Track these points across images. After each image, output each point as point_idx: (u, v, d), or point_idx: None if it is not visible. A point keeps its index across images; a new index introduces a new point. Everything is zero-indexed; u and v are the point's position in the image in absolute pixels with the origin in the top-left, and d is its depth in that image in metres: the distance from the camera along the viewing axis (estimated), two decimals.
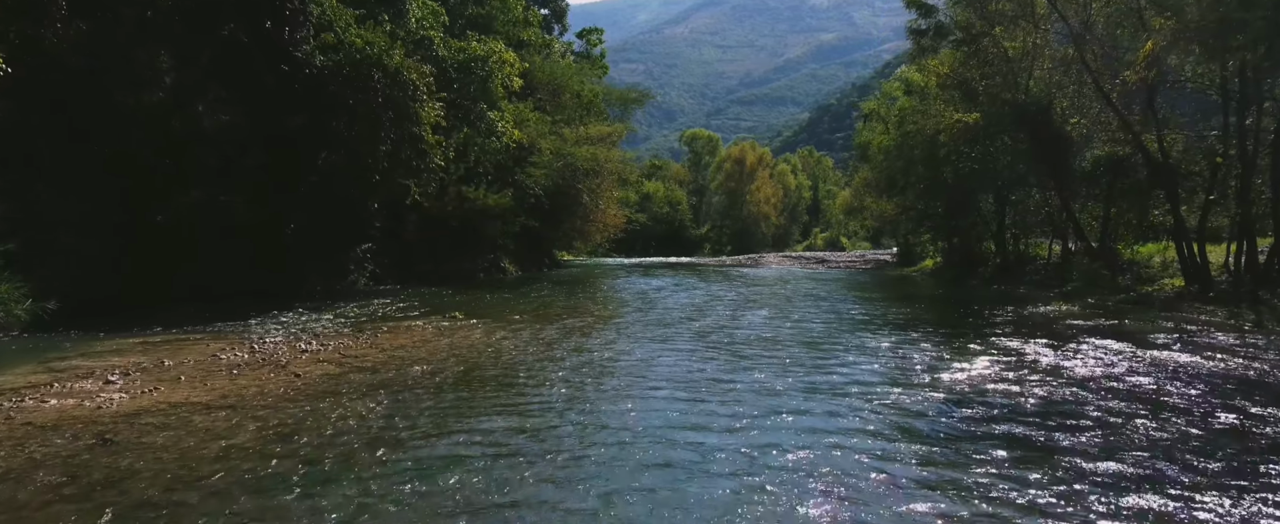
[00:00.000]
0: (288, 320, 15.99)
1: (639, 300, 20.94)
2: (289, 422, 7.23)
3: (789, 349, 11.79)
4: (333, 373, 9.78)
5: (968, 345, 12.29)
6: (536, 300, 21.24)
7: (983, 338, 13.17)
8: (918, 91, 33.68)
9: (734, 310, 17.84)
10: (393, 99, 20.31)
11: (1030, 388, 8.89)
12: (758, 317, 16.61)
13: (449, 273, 30.91)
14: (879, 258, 56.96)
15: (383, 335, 13.40)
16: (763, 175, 79.94)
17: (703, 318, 16.35)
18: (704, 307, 18.82)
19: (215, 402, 8.08)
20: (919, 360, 10.82)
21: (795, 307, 19.21)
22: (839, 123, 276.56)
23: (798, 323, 15.48)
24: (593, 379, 9.24)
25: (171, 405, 7.84)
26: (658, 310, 17.90)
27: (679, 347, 12.03)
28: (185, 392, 8.54)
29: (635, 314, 17.20)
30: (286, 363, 10.44)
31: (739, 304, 19.43)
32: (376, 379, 9.40)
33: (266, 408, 7.81)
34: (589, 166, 36.45)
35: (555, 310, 18.26)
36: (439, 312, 17.88)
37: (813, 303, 20.43)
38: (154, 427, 6.99)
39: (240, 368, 10.03)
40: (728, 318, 16.21)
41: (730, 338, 13.04)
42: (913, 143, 31.26)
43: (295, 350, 11.59)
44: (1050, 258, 29.04)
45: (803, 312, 17.87)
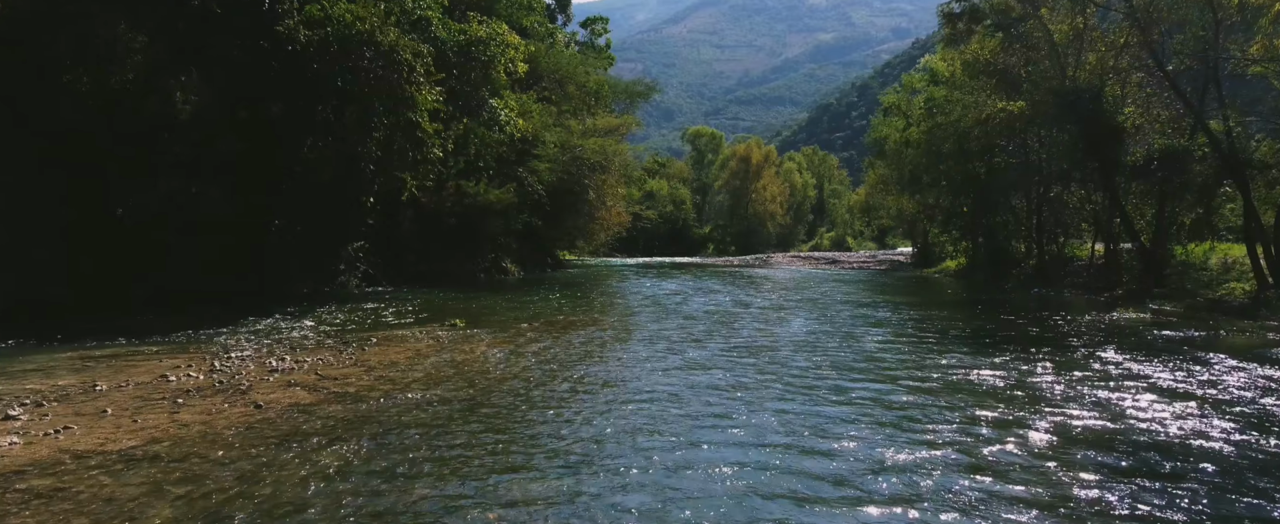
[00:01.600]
0: (264, 328, 13.94)
1: (656, 307, 18.92)
2: (230, 486, 5.21)
3: (856, 378, 9.78)
4: (304, 402, 7.75)
5: (1064, 366, 10.30)
6: (544, 306, 19.22)
7: (1073, 355, 11.18)
8: (945, 81, 31.69)
9: (766, 322, 15.83)
10: (386, 81, 18.26)
11: (1176, 422, 6.91)
12: (797, 329, 14.60)
13: (447, 274, 28.86)
14: (892, 258, 55.00)
15: (371, 349, 11.37)
16: (768, 174, 77.84)
17: (734, 330, 14.34)
18: (731, 316, 16.80)
19: (139, 449, 6.05)
20: (1022, 390, 8.82)
21: (832, 316, 17.22)
22: (838, 122, 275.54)
23: (847, 338, 13.47)
24: (633, 425, 7.19)
25: (76, 457, 5.81)
26: (680, 320, 15.87)
27: (722, 372, 10.00)
28: (104, 433, 6.51)
29: (656, 325, 15.17)
30: (249, 387, 8.40)
31: (769, 313, 17.41)
32: (358, 412, 7.38)
33: (205, 460, 5.79)
34: (597, 161, 34.36)
35: (566, 318, 16.24)
36: (436, 318, 15.86)
37: (850, 311, 18.43)
38: (28, 498, 4.96)
39: (189, 395, 7.99)
40: (763, 331, 14.18)
41: (776, 359, 11.01)
42: (941, 136, 29.28)
43: (263, 369, 9.55)
44: (1092, 259, 27.07)
45: (844, 322, 15.87)
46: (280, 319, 15.53)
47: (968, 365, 10.19)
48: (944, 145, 29.19)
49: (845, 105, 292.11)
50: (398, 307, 18.57)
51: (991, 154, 27.26)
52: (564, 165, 32.29)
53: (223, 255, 20.49)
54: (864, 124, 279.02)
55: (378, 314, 16.73)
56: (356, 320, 15.58)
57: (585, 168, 34.12)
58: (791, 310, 17.65)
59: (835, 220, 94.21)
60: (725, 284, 27.73)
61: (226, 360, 10.23)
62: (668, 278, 31.89)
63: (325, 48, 17.66)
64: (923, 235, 43.96)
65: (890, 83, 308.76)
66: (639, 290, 24.75)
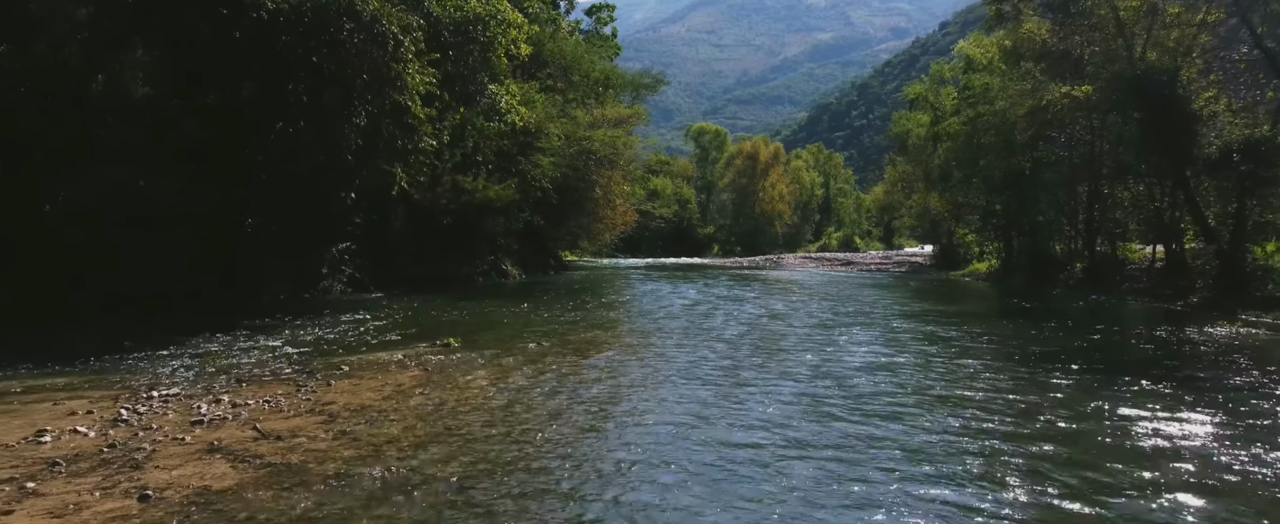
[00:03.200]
0: (216, 349, 11.41)
1: (683, 319, 16.40)
2: None
3: (987, 440, 7.27)
4: (218, 487, 5.22)
5: (1208, 403, 7.80)
6: (553, 317, 16.69)
7: (1206, 386, 8.68)
8: (984, 68, 29.18)
9: (819, 344, 13.30)
10: (368, 57, 15.73)
11: None
12: (860, 356, 12.09)
13: (442, 277, 26.32)
14: (908, 259, 52.48)
15: (339, 384, 8.83)
16: (776, 172, 75.19)
17: (788, 357, 11.83)
18: (773, 336, 14.28)
19: None
20: (1191, 442, 6.31)
21: (891, 335, 14.72)
22: (838, 122, 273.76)
23: (927, 369, 10.98)
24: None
25: None
26: (716, 343, 13.33)
27: (809, 427, 7.47)
28: None
29: (691, 349, 12.63)
30: (149, 455, 5.88)
31: (816, 332, 14.87)
32: (298, 506, 4.86)
33: None
34: (605, 154, 31.76)
35: (580, 336, 13.71)
36: (427, 334, 13.33)
37: (907, 326, 15.93)
38: None
39: (54, 472, 5.47)
40: (826, 359, 11.65)
41: (868, 408, 8.49)
42: (983, 127, 26.76)
43: (185, 419, 7.03)
44: (1153, 261, 24.59)
45: (908, 343, 13.38)
46: (241, 335, 12.99)
47: (1107, 411, 7.69)
48: (985, 137, 26.66)
49: (845, 105, 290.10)
50: (384, 317, 16.04)
51: (1039, 146, 24.79)
52: (570, 159, 29.73)
53: (185, 256, 17.96)
54: (864, 123, 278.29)
55: (359, 328, 14.19)
56: (333, 337, 13.05)
57: (592, 162, 31.55)
58: (839, 326, 15.12)
59: (843, 220, 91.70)
60: (747, 290, 25.21)
61: (144, 402, 7.70)
62: (682, 282, 29.37)
63: (297, 17, 15.10)
64: (947, 235, 41.45)
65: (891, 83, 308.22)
66: (656, 298, 22.21)
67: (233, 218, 19.49)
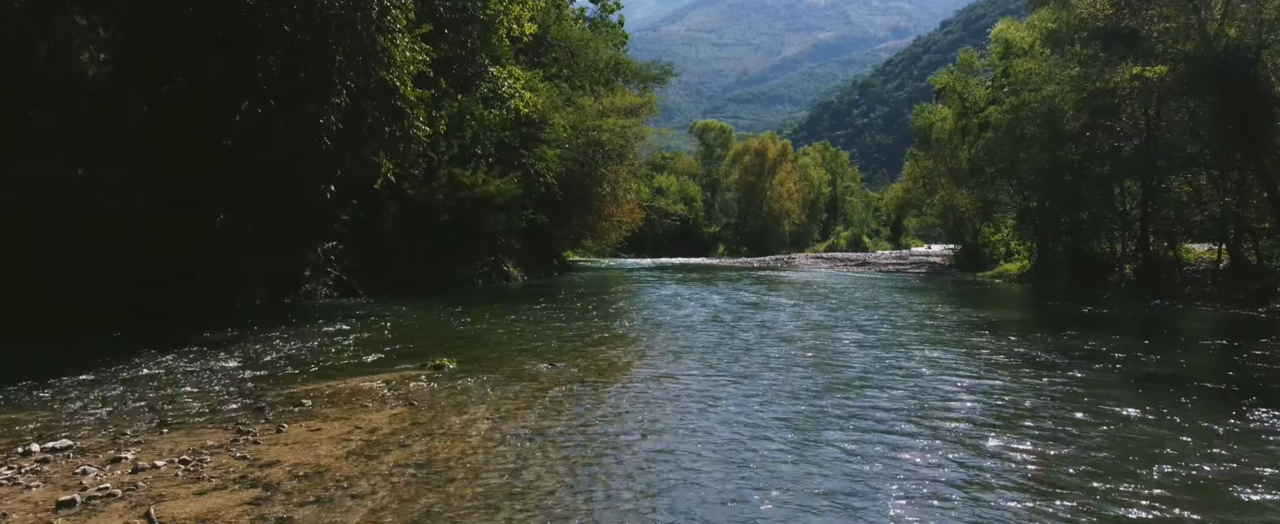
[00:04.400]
0: (154, 373, 9.22)
1: (712, 332, 14.20)
2: None
3: None
4: None
5: None
6: (562, 327, 14.51)
7: None
8: (1023, 54, 26.97)
9: (894, 366, 11.13)
10: (350, 27, 13.53)
11: None
12: (940, 376, 9.92)
13: (438, 279, 24.16)
14: (926, 260, 50.33)
15: (294, 427, 6.63)
16: (784, 169, 72.88)
17: (854, 380, 9.65)
18: (831, 355, 12.07)
19: None
20: None
21: (962, 350, 12.55)
22: (840, 121, 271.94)
23: (1036, 392, 8.82)
24: None
25: None
26: (766, 361, 11.14)
27: None
28: None
29: (733, 368, 10.45)
30: None
31: (883, 353, 12.69)
32: None
33: None
34: (616, 145, 29.48)
35: (600, 351, 11.54)
36: (416, 351, 11.15)
37: (970, 336, 13.75)
38: None
39: None
40: (918, 391, 9.47)
41: (1017, 479, 6.31)
42: (1027, 116, 24.56)
43: (51, 499, 4.85)
44: (1218, 261, 22.43)
45: (989, 361, 11.21)
46: (195, 351, 10.81)
47: None
48: (1028, 127, 24.47)
49: (846, 103, 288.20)
50: (369, 328, 13.84)
51: (1087, 137, 22.64)
52: (579, 150, 27.49)
53: (146, 258, 15.80)
54: (866, 122, 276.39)
55: (339, 341, 12.00)
56: (305, 353, 10.85)
57: (599, 155, 29.32)
58: (899, 342, 12.93)
59: (851, 219, 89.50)
60: (771, 294, 23.03)
61: (13, 462, 5.52)
62: (697, 284, 27.17)
63: None
64: (971, 235, 39.29)
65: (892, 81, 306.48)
66: (673, 304, 20.02)
67: (201, 215, 17.34)
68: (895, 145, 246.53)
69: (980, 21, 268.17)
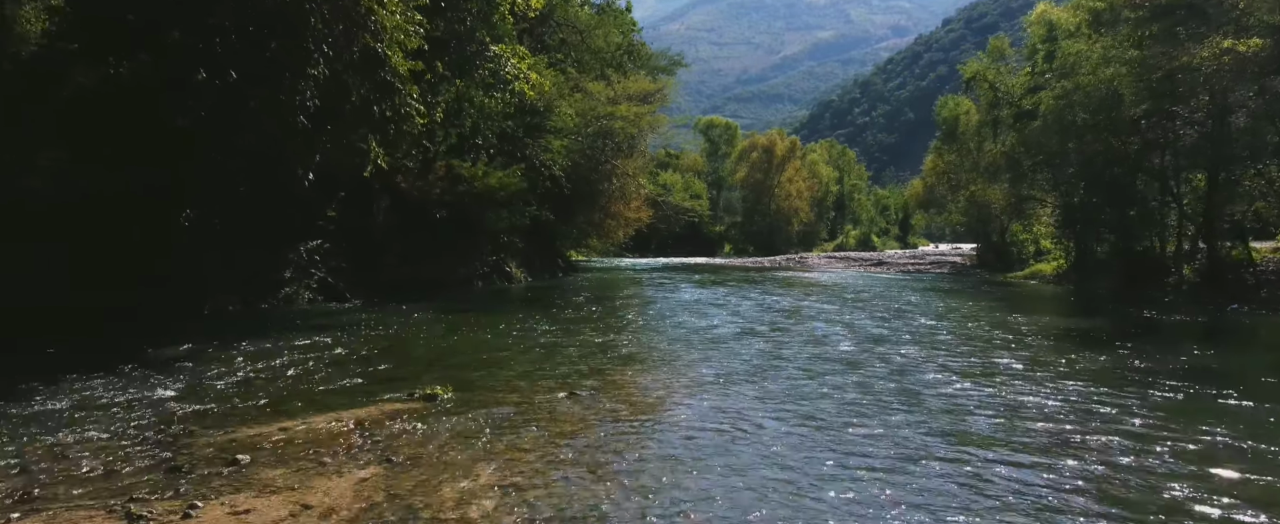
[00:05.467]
0: (61, 407, 7.12)
1: (749, 349, 12.08)
2: None
3: None
4: None
5: None
6: (576, 339, 12.42)
7: None
8: (1070, 35, 24.84)
9: (992, 396, 9.05)
10: None
11: None
12: (1077, 417, 7.84)
13: (435, 281, 22.03)
14: (946, 259, 48.22)
15: (210, 510, 4.51)
16: (793, 166, 70.68)
17: (947, 408, 7.58)
18: (904, 372, 9.99)
19: None
20: None
21: (1060, 369, 10.48)
22: (841, 119, 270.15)
23: (1213, 443, 6.73)
24: None
25: None
26: (820, 386, 9.06)
27: None
28: None
29: (788, 399, 8.36)
30: None
31: (952, 368, 10.62)
32: None
33: None
34: (629, 134, 27.26)
35: (625, 374, 9.46)
36: (406, 368, 9.07)
37: (1067, 352, 11.70)
38: None
39: None
40: (1007, 413, 7.42)
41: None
42: (1078, 102, 22.44)
43: None
44: None
45: (1113, 393, 9.14)
46: (128, 375, 8.70)
47: None
48: (1078, 114, 22.35)
49: (847, 102, 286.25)
50: (352, 341, 11.74)
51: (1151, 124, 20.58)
52: (588, 140, 25.33)
53: (97, 257, 13.73)
54: (867, 121, 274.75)
55: (310, 361, 9.89)
56: (264, 377, 8.75)
57: (609, 147, 27.16)
58: (992, 369, 10.86)
59: (859, 217, 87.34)
60: (803, 298, 20.94)
61: None
62: (715, 286, 25.06)
63: None
64: (999, 233, 37.20)
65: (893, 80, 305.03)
66: (696, 311, 17.90)
67: (167, 207, 15.24)
68: (897, 144, 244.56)
69: (982, 20, 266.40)
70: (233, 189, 15.80)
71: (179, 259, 15.71)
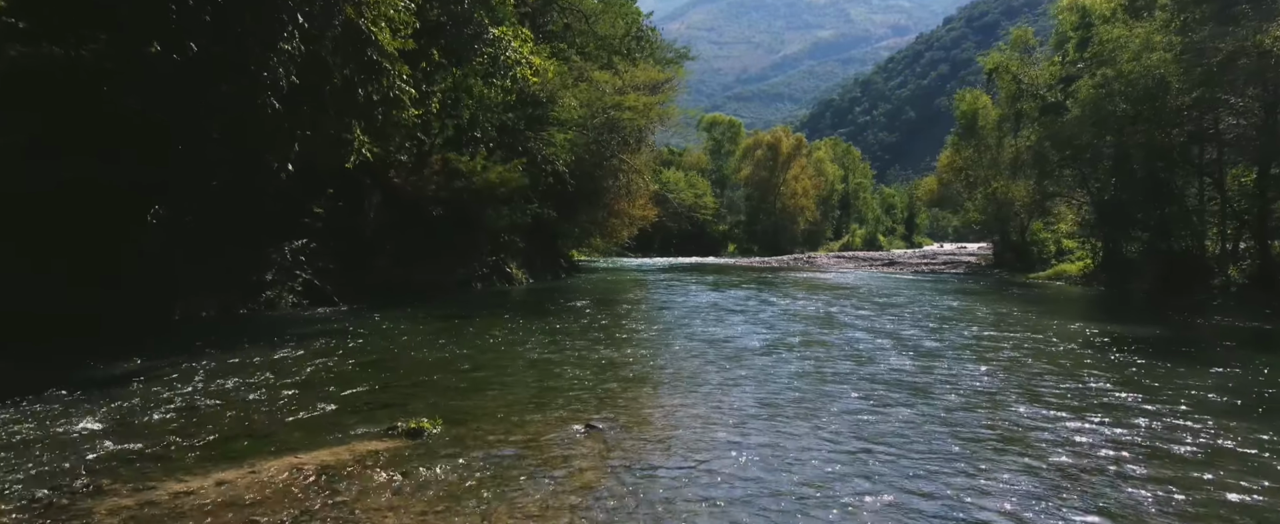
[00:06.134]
0: None
1: (793, 364, 10.61)
2: None
3: None
4: None
5: None
6: (588, 351, 10.96)
7: None
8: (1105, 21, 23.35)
9: (1122, 439, 7.56)
10: None
11: None
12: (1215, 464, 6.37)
13: (430, 283, 20.58)
14: (959, 259, 46.77)
15: None
16: (799, 164, 69.10)
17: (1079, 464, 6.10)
18: (971, 394, 8.57)
19: None
20: None
21: (1154, 390, 9.04)
22: (841, 118, 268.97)
23: None
24: None
25: None
26: (908, 423, 7.60)
27: None
28: None
29: (876, 441, 6.92)
30: None
31: (1039, 396, 9.16)
32: None
33: None
34: (637, 125, 25.71)
35: (650, 395, 8.01)
36: (388, 394, 7.60)
37: (1149, 369, 10.25)
38: None
39: None
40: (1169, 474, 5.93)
41: None
42: (1118, 91, 20.95)
43: None
44: None
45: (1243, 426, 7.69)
46: (60, 397, 7.23)
47: None
48: (1118, 105, 20.87)
49: (847, 101, 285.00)
50: (333, 354, 10.26)
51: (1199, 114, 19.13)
52: (594, 133, 23.81)
53: (51, 259, 12.27)
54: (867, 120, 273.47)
55: (279, 380, 8.42)
56: (218, 403, 7.27)
57: (616, 141, 25.63)
58: (1097, 402, 9.38)
59: (865, 216, 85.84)
60: (829, 304, 19.49)
61: None
62: (729, 290, 23.59)
63: None
64: (1018, 231, 35.73)
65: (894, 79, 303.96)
66: (715, 319, 16.43)
67: (131, 207, 13.77)
68: (898, 143, 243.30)
69: (984, 18, 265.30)
70: (206, 182, 14.33)
71: (146, 259, 14.24)
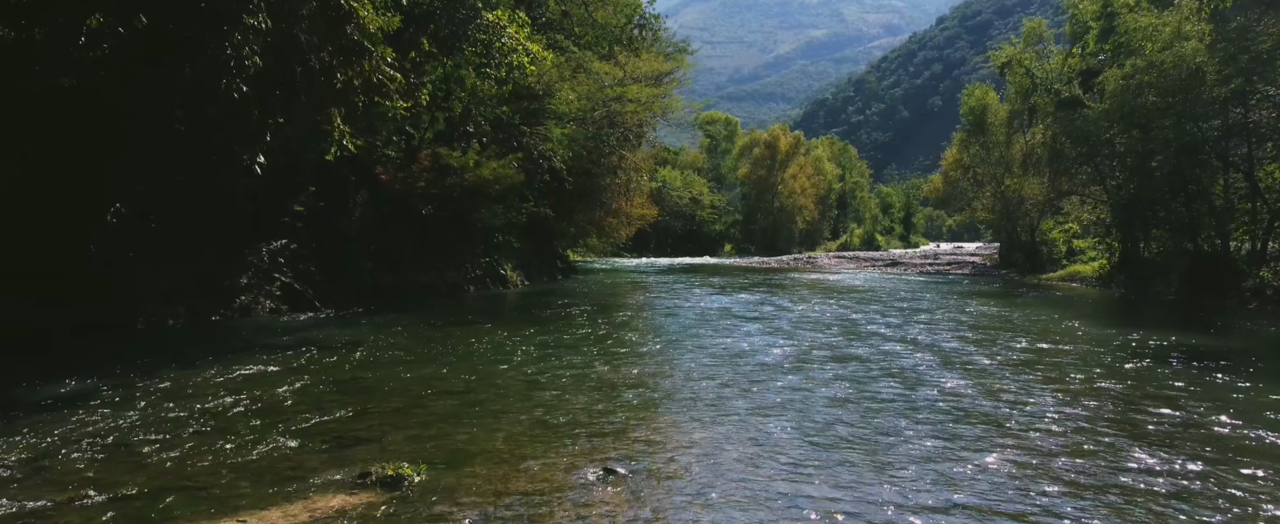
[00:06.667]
0: None
1: (829, 382, 9.44)
2: None
3: None
4: None
5: None
6: (595, 368, 9.77)
7: None
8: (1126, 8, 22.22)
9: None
10: None
11: None
12: None
13: (420, 286, 19.36)
14: (964, 259, 45.70)
15: None
16: (798, 163, 67.94)
17: None
18: (1070, 432, 7.43)
19: None
20: None
21: None
22: (834, 118, 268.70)
23: None
24: None
25: None
26: (980, 462, 6.45)
27: None
28: None
29: (955, 479, 5.74)
30: None
31: (1140, 431, 7.99)
32: None
33: None
34: (636, 123, 24.46)
35: (672, 424, 6.83)
36: (364, 426, 6.37)
37: (1249, 392, 9.12)
38: None
39: None
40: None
41: None
42: (1146, 83, 19.84)
43: None
44: None
45: None
46: None
47: None
48: (1148, 96, 19.76)
49: (841, 101, 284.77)
50: (302, 371, 9.04)
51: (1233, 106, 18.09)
52: (594, 126, 22.55)
53: None
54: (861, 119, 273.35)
55: (234, 407, 7.19)
56: (156, 435, 6.04)
57: (616, 136, 24.38)
58: (1180, 421, 8.25)
59: (862, 216, 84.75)
60: (849, 309, 18.34)
61: None
62: (736, 293, 22.41)
63: None
64: (1029, 230, 34.67)
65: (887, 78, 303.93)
66: (732, 329, 15.22)
67: (84, 205, 12.51)
68: (891, 143, 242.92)
69: (976, 18, 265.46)
70: (170, 178, 13.08)
71: (104, 263, 12.98)
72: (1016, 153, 32.26)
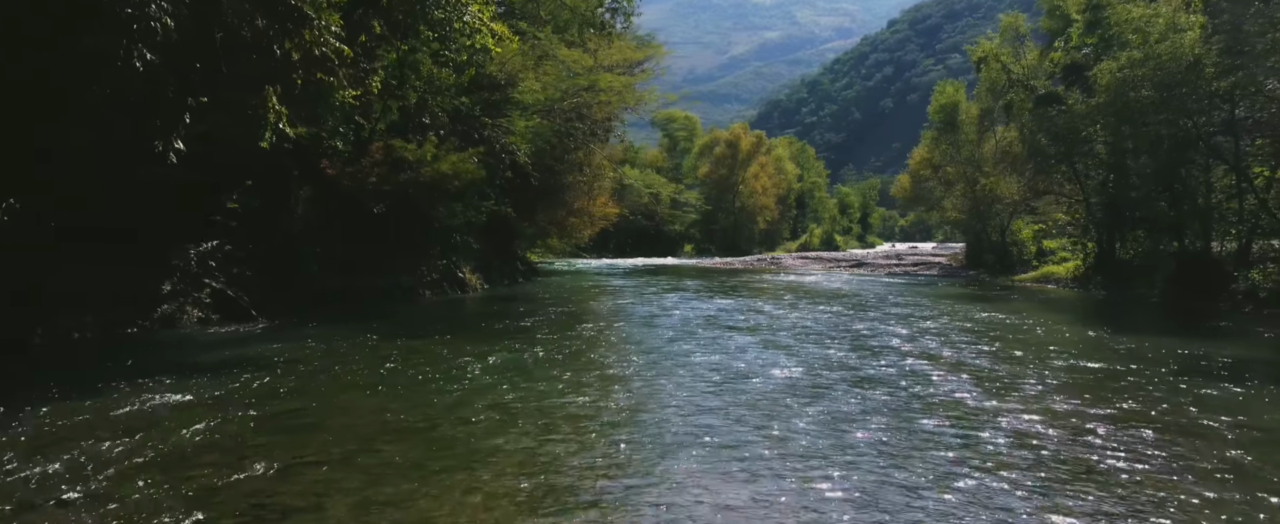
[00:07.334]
0: None
1: (834, 396, 8.15)
2: None
3: None
4: None
5: None
6: (570, 392, 8.31)
7: None
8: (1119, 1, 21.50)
9: None
10: None
11: None
12: None
13: (371, 290, 17.58)
14: (929, 259, 45.19)
15: None
16: (759, 162, 67.05)
17: None
18: (1121, 474, 6.12)
19: None
20: None
21: None
22: (789, 119, 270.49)
23: None
24: None
25: None
26: None
27: None
28: None
29: None
30: None
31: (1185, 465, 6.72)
32: None
33: None
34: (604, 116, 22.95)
35: (659, 462, 5.39)
36: (287, 484, 4.80)
37: None
38: None
39: None
40: None
41: None
42: (1141, 76, 19.06)
43: None
44: None
45: None
46: None
47: None
48: (1141, 91, 18.99)
49: (794, 102, 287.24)
50: (224, 402, 7.38)
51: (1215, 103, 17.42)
52: (560, 118, 20.99)
53: None
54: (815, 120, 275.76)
55: (129, 451, 5.54)
56: (5, 503, 4.41)
57: (582, 131, 22.85)
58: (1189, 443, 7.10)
59: (821, 216, 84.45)
60: (838, 315, 17.15)
61: None
62: (710, 296, 21.09)
63: None
64: (999, 231, 34.13)
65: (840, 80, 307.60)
66: (714, 341, 13.84)
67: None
68: (844, 143, 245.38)
69: (926, 21, 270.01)
70: (71, 169, 11.20)
71: None
72: (987, 152, 31.66)
